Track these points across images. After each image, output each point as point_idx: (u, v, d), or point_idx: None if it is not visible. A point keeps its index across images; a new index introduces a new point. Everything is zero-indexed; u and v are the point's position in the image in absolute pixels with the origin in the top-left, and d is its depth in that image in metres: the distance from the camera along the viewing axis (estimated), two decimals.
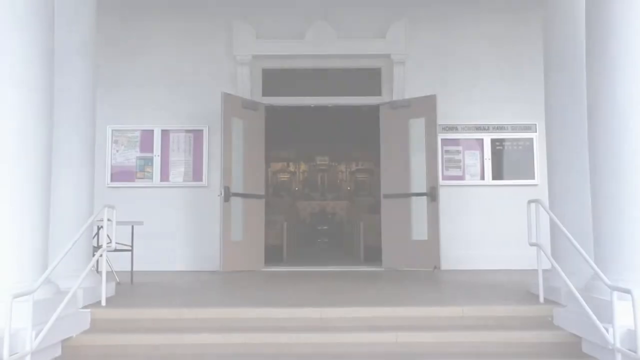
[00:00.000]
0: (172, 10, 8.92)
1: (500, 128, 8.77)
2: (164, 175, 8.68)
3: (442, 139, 8.66)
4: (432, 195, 8.16)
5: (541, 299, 5.07)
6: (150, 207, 8.44)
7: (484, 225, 8.52)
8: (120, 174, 8.66)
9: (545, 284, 5.19)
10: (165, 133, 8.74)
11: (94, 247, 5.98)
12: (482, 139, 8.76)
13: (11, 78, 4.05)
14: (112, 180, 8.63)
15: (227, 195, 7.97)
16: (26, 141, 4.13)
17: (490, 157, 8.72)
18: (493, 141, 8.74)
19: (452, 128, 8.76)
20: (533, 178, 8.60)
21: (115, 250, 5.57)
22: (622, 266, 4.12)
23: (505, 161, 8.74)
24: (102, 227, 5.65)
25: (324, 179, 24.39)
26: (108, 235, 5.32)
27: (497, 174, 8.71)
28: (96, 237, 6.38)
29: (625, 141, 4.17)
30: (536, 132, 8.64)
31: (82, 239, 5.09)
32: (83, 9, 5.62)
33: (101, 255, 5.19)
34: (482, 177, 8.71)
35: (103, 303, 5.02)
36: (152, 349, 4.38)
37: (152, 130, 8.71)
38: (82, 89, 5.52)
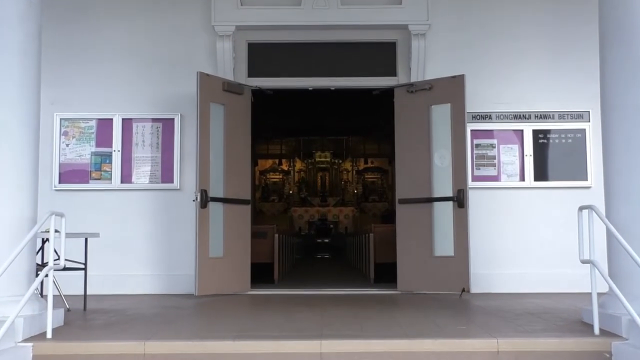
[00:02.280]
0: None
1: (544, 117, 8.76)
2: (126, 176, 8.67)
3: (472, 130, 8.65)
4: (459, 200, 8.15)
5: (596, 330, 5.05)
6: (108, 215, 8.44)
7: (524, 237, 8.52)
8: (71, 174, 8.65)
9: (602, 311, 5.17)
10: (127, 122, 8.73)
11: (38, 265, 5.95)
12: (521, 130, 8.75)
13: None
14: (60, 181, 8.62)
15: (204, 200, 7.95)
16: None
17: (532, 152, 8.71)
18: (535, 133, 8.73)
19: (485, 116, 8.76)
20: (585, 179, 8.60)
21: (65, 269, 5.53)
22: None
23: (551, 158, 8.72)
24: (47, 239, 5.63)
25: (324, 179, 24.47)
26: (55, 251, 5.30)
27: (541, 174, 8.70)
28: (40, 252, 6.35)
29: None
30: (589, 121, 8.63)
31: (23, 255, 5.06)
32: None
33: (47, 276, 5.17)
34: (522, 178, 8.71)
35: (49, 335, 4.99)
36: None
37: (111, 119, 8.70)
38: (23, 66, 5.48)
